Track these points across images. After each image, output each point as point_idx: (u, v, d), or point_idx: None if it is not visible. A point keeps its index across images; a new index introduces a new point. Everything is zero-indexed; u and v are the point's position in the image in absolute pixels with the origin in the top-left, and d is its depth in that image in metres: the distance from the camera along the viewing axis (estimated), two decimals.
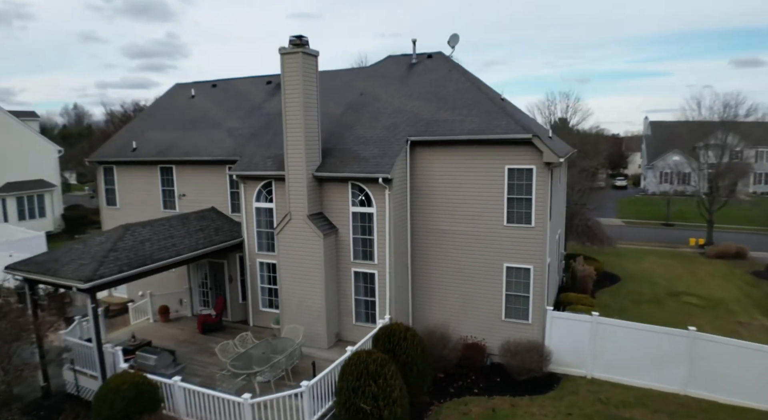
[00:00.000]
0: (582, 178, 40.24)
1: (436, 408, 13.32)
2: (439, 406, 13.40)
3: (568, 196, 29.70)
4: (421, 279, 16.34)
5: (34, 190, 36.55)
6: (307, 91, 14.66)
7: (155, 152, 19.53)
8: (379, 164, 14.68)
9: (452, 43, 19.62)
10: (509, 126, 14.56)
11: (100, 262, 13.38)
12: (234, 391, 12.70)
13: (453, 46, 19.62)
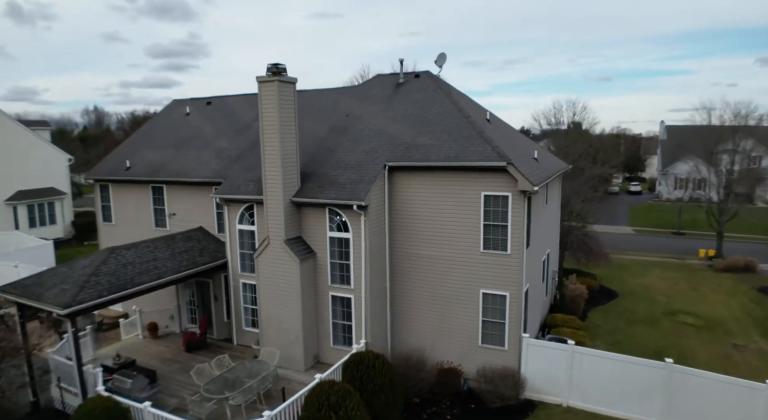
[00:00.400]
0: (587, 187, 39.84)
1: None
2: None
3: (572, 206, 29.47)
4: (399, 302, 16.45)
5: (44, 198, 37.64)
6: (284, 119, 14.88)
7: (147, 172, 20.00)
8: (354, 191, 14.83)
9: (439, 63, 19.64)
10: (485, 152, 14.57)
11: (81, 287, 13.82)
12: (204, 417, 13.03)
13: (440, 66, 19.65)
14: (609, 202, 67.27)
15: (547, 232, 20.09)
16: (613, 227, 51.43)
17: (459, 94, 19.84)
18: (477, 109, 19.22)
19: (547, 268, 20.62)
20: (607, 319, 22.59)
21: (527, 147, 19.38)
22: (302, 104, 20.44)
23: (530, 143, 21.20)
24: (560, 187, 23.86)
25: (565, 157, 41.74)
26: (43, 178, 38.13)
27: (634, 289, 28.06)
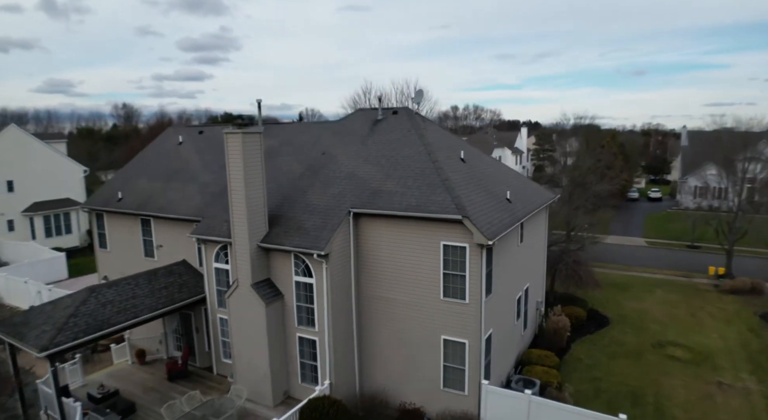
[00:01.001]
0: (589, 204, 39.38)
1: None
2: None
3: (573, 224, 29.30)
4: (367, 343, 16.96)
5: (60, 208, 39.47)
6: (249, 169, 15.49)
7: (136, 204, 20.98)
8: (317, 238, 15.35)
9: (416, 100, 19.95)
10: (444, 203, 14.86)
11: (59, 329, 14.82)
12: None
13: (417, 103, 19.91)
14: (626, 209, 65.92)
15: (525, 268, 20.21)
16: (626, 239, 50.53)
17: (436, 131, 20.04)
18: (453, 148, 19.40)
19: (526, 302, 20.76)
20: (590, 351, 22.55)
21: (505, 184, 19.47)
22: (285, 138, 21.07)
23: (512, 177, 21.22)
24: (546, 216, 23.80)
25: (574, 169, 41.20)
26: (59, 189, 39.92)
27: (628, 315, 27.80)
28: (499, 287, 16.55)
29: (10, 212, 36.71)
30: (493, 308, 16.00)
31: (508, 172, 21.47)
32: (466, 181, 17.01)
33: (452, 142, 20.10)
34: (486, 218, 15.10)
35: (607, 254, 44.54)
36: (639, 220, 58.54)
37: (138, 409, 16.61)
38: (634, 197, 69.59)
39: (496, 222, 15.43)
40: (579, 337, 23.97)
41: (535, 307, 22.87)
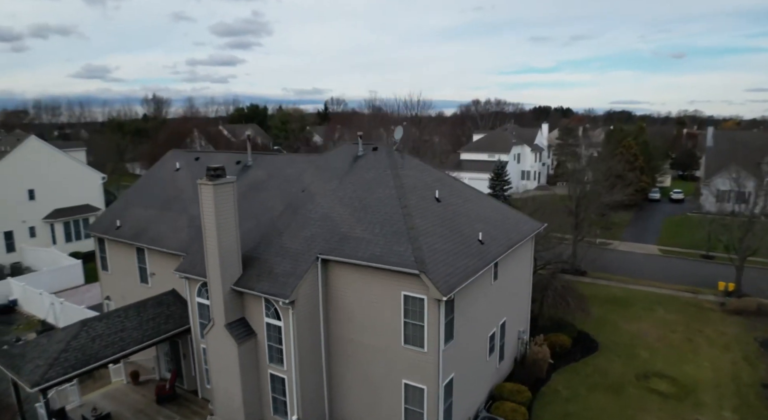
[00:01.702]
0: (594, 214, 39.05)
1: None
2: None
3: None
4: (336, 380, 17.90)
5: (79, 214, 41.67)
6: (222, 218, 16.41)
7: (132, 234, 22.31)
8: (284, 285, 16.23)
9: (396, 136, 20.38)
10: (404, 255, 15.47)
11: (50, 365, 16.26)
12: None
13: (396, 141, 20.38)
14: (646, 210, 64.47)
15: (501, 303, 20.63)
16: (640, 246, 49.73)
17: (415, 168, 20.48)
18: (430, 186, 19.82)
19: (503, 336, 21.23)
20: (570, 382, 22.88)
21: (482, 221, 19.85)
22: (274, 170, 21.99)
23: (492, 210, 21.49)
24: (531, 245, 24.04)
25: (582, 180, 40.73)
26: (79, 196, 42.05)
27: (619, 340, 27.81)
28: (464, 332, 17.12)
29: (32, 219, 39.03)
30: (455, 354, 16.62)
31: (489, 205, 21.77)
32: (435, 226, 17.53)
33: (431, 178, 20.52)
34: (446, 269, 15.64)
35: (615, 264, 44.09)
36: (656, 225, 57.32)
37: None
38: (655, 198, 67.87)
39: (458, 272, 15.94)
40: (564, 364, 24.28)
41: (517, 336, 23.31)
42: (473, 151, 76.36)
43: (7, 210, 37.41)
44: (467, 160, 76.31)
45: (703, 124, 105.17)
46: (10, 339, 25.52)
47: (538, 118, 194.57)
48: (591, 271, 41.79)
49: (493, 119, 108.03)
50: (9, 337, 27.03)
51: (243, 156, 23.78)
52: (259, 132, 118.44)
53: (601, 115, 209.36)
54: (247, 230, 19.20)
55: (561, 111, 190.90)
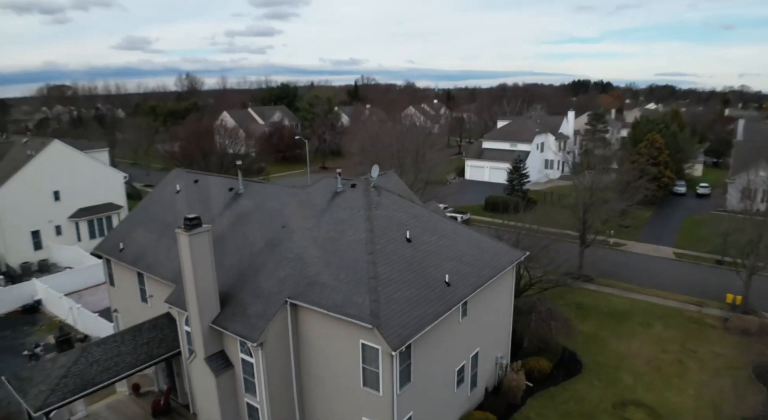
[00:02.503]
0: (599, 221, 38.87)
1: None
2: None
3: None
4: (308, 411, 19.59)
5: (103, 213, 44.53)
6: (198, 263, 17.96)
7: (132, 258, 24.30)
8: (254, 328, 17.77)
9: (373, 175, 21.31)
10: (361, 307, 16.67)
11: (52, 390, 18.49)
12: None
13: (374, 177, 21.31)
14: (669, 206, 62.79)
15: (472, 337, 21.60)
16: (654, 248, 49.03)
17: (391, 205, 21.35)
18: (403, 225, 20.70)
19: (475, 365, 22.26)
20: (544, 409, 23.79)
21: (454, 259, 20.71)
22: (260, 202, 23.40)
23: (468, 245, 22.20)
24: (513, 273, 24.74)
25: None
26: (102, 195, 44.80)
27: (606, 361, 28.30)
28: (425, 372, 18.33)
29: (58, 219, 42.04)
30: (414, 394, 17.89)
31: (466, 239, 22.51)
32: (401, 271, 18.57)
33: (406, 215, 21.39)
34: (402, 320, 16.76)
35: (625, 269, 43.88)
36: (677, 223, 55.98)
37: None
38: (680, 192, 65.82)
39: (414, 323, 17.03)
40: (543, 387, 25.13)
41: (495, 362, 24.32)
42: (495, 139, 75.73)
43: (34, 211, 40.42)
44: (489, 148, 75.83)
45: (749, 100, 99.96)
46: (31, 343, 28.30)
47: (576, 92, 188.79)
48: (598, 278, 41.87)
49: (521, 104, 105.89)
50: (31, 338, 29.97)
51: (235, 182, 25.13)
52: (287, 113, 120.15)
53: (643, 89, 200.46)
54: (229, 266, 20.78)
55: (600, 85, 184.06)
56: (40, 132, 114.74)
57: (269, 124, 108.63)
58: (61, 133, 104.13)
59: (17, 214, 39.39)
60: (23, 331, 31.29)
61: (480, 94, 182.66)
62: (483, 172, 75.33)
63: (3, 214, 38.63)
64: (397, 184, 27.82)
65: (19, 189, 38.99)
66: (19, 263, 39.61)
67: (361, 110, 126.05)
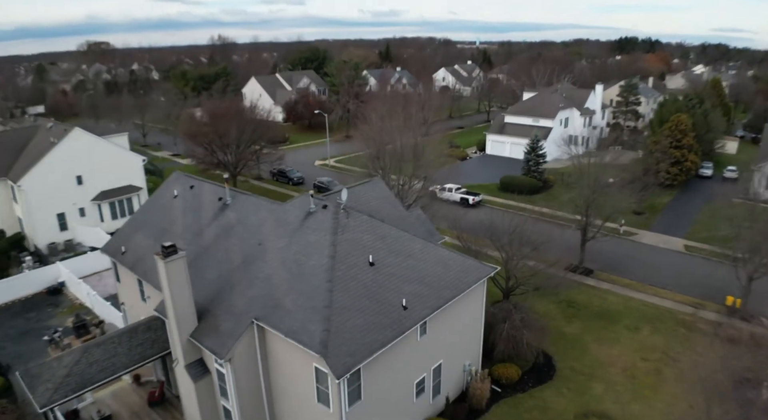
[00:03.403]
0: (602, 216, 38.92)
1: None
2: None
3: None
4: (279, 415, 22.03)
5: (123, 195, 47.74)
6: (175, 286, 20.14)
7: (131, 263, 26.93)
8: (223, 345, 20.04)
9: (342, 198, 22.72)
10: (313, 335, 18.59)
11: (56, 389, 21.52)
12: None
13: (343, 200, 22.73)
14: (692, 191, 60.97)
15: (434, 350, 23.29)
16: (666, 239, 48.52)
17: (358, 227, 22.75)
18: (368, 249, 22.15)
19: (439, 375, 24.05)
20: (505, 418, 25.38)
21: (416, 281, 22.16)
22: (243, 215, 25.30)
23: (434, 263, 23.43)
24: (484, 286, 25.96)
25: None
26: (122, 177, 47.89)
27: (581, 368, 29.35)
28: (378, 390, 20.32)
29: (81, 201, 45.49)
30: (366, 410, 19.96)
31: (434, 257, 23.79)
32: (358, 297, 20.25)
33: (373, 237, 22.80)
34: (350, 348, 18.58)
35: (630, 262, 43.95)
36: (695, 211, 54.66)
37: None
38: (706, 175, 63.52)
39: (362, 350, 18.83)
40: (510, 394, 26.71)
41: (463, 369, 26.03)
42: (518, 114, 74.62)
43: (59, 194, 43.87)
44: (511, 123, 74.93)
45: None
46: (51, 328, 31.83)
47: (622, 50, 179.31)
48: (599, 272, 42.24)
49: (551, 74, 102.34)
50: (53, 322, 33.67)
51: (224, 191, 26.92)
52: (315, 79, 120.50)
53: (694, 46, 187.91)
54: (210, 280, 23.01)
55: (648, 43, 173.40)
56: (76, 96, 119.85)
57: (296, 90, 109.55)
58: (96, 100, 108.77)
59: (43, 198, 42.91)
60: (47, 312, 35.08)
61: (518, 51, 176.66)
62: (504, 148, 74.87)
63: (30, 198, 42.19)
64: (381, 191, 29.08)
65: (43, 175, 42.29)
66: (46, 244, 43.54)
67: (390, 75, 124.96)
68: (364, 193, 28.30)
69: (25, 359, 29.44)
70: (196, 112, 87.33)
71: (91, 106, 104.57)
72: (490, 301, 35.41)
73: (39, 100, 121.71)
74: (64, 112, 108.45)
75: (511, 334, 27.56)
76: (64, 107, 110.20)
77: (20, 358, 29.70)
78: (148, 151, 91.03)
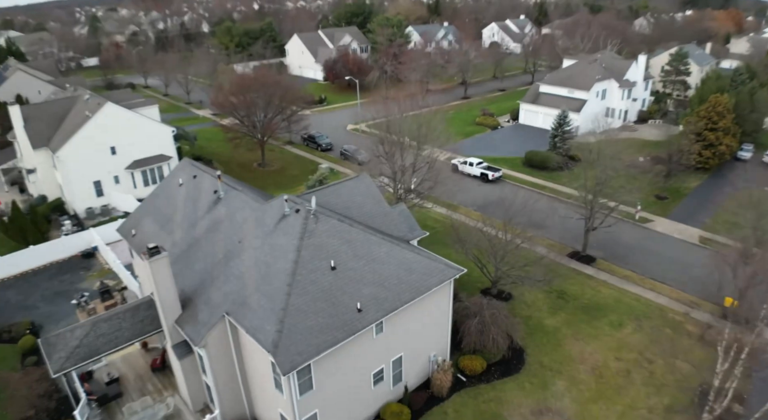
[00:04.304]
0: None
1: None
2: None
3: None
4: (253, 394, 25.44)
5: (154, 163, 51.84)
6: (159, 282, 23.32)
7: (138, 246, 30.30)
8: (199, 333, 23.31)
9: (312, 205, 24.84)
10: (267, 334, 21.38)
11: (67, 358, 25.74)
12: None
13: (312, 207, 24.84)
14: (722, 177, 58.50)
15: (394, 344, 25.72)
16: (682, 228, 47.40)
17: (325, 232, 24.85)
18: (331, 254, 24.35)
19: (399, 366, 26.58)
20: (463, 407, 27.60)
21: (377, 283, 24.32)
22: (230, 212, 28.16)
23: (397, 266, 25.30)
24: (450, 286, 27.75)
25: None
26: (153, 147, 51.83)
27: (550, 364, 30.76)
28: (330, 381, 23.10)
29: (115, 170, 49.94)
30: (318, 397, 22.89)
31: (398, 260, 25.66)
32: (314, 300, 22.74)
33: (340, 241, 24.92)
34: (300, 348, 21.28)
35: (636, 252, 43.55)
36: (722, 198, 52.12)
37: (123, 395, 27.77)
38: (744, 158, 60.24)
39: (310, 350, 21.47)
40: (475, 384, 28.84)
41: (428, 360, 28.38)
42: (553, 84, 72.57)
43: (95, 164, 48.39)
44: (546, 93, 73.14)
45: None
46: (80, 292, 36.49)
47: (694, 4, 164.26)
48: (601, 260, 42.33)
49: (596, 39, 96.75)
50: (83, 285, 38.48)
51: (220, 185, 29.55)
52: (356, 35, 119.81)
53: None
54: (197, 271, 26.21)
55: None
56: (128, 49, 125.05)
57: (336, 48, 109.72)
58: (145, 54, 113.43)
59: (80, 167, 47.56)
60: (79, 275, 40.01)
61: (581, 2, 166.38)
62: (537, 118, 73.55)
63: (68, 168, 46.87)
64: (366, 188, 30.90)
65: (79, 146, 46.70)
66: (84, 209, 48.55)
67: (433, 33, 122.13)
68: (349, 190, 30.26)
69: (56, 320, 34.42)
70: (232, 71, 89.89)
71: (141, 61, 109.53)
72: (479, 288, 37.51)
73: (94, 52, 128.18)
74: (116, 65, 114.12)
75: (479, 329, 29.44)
76: (116, 61, 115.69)
77: (51, 318, 34.70)
78: (191, 109, 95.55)
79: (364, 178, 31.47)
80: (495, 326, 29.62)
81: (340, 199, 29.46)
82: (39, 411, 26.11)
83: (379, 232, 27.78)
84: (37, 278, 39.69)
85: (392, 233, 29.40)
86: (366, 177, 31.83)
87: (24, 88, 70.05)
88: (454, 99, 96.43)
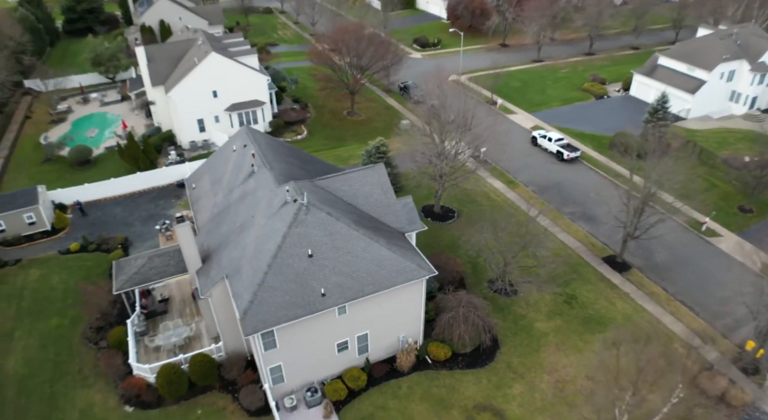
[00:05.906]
0: None
1: None
2: None
3: None
4: None
5: (250, 108, 59.62)
6: (185, 243, 30.56)
7: (194, 199, 38.07)
8: (205, 285, 30.52)
9: (304, 197, 29.71)
10: (243, 302, 27.61)
11: (126, 281, 35.01)
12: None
13: (305, 200, 29.69)
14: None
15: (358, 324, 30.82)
16: (748, 249, 42.12)
17: (312, 223, 29.71)
18: (315, 242, 29.39)
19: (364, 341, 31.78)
20: (417, 386, 31.80)
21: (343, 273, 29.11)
22: (257, 187, 34.22)
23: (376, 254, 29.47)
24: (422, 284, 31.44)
25: None
26: (250, 92, 59.40)
27: (517, 366, 33.11)
28: (293, 344, 29.22)
29: (216, 110, 58.74)
30: (281, 354, 29.21)
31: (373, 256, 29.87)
32: (286, 282, 28.44)
33: (323, 233, 29.76)
34: (264, 318, 27.47)
35: (681, 268, 41.57)
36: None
37: (167, 313, 36.79)
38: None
39: (272, 320, 27.45)
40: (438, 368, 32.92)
41: (398, 339, 33.07)
42: (673, 57, 65.52)
43: (199, 104, 57.44)
44: (663, 66, 66.51)
45: None
46: (163, 220, 45.92)
47: None
48: (635, 270, 40.99)
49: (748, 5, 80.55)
50: (172, 211, 48.13)
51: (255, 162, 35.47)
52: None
53: None
54: (221, 234, 33.13)
55: None
56: None
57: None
58: None
59: (188, 106, 56.87)
60: (170, 203, 49.98)
61: None
62: (649, 92, 67.72)
63: (177, 106, 56.30)
64: (378, 178, 34.66)
65: (186, 89, 55.58)
66: (188, 141, 58.42)
67: None
68: (361, 178, 34.30)
69: (143, 239, 44.65)
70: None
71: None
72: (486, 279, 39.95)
73: None
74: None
75: (449, 323, 33.07)
76: None
77: (141, 238, 45.03)
78: (314, 42, 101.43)
79: (378, 168, 35.02)
80: (465, 324, 32.95)
81: (350, 188, 33.81)
82: (105, 315, 36.16)
83: (373, 225, 31.94)
84: (140, 200, 50.51)
85: (391, 224, 33.41)
86: (380, 167, 35.30)
87: (166, 14, 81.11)
88: (576, 53, 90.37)
